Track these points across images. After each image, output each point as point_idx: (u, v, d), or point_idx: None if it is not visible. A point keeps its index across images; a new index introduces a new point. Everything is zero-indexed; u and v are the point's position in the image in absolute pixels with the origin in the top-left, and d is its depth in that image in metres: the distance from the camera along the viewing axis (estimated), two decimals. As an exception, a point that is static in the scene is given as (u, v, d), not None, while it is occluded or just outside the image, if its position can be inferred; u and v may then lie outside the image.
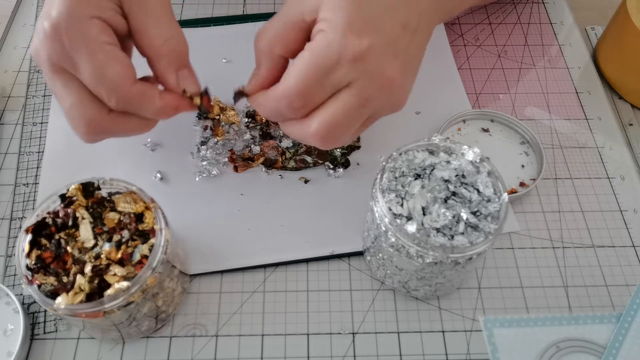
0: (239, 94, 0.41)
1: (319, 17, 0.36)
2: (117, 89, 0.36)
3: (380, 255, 0.41)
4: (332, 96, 0.37)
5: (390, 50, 0.37)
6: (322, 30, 0.36)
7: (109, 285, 0.36)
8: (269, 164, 0.51)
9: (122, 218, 0.38)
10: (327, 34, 0.35)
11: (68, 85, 0.37)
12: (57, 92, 0.38)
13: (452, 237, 0.37)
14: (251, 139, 0.52)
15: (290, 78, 0.36)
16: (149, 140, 0.52)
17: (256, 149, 0.51)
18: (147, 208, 0.39)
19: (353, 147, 0.52)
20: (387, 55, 0.36)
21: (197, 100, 0.41)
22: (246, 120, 0.53)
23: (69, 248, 0.37)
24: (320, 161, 0.51)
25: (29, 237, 0.37)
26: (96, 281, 0.36)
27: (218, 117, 0.52)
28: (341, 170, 0.50)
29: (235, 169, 0.50)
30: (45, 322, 0.43)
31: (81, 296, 0.36)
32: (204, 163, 0.50)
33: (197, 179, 0.50)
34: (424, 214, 0.38)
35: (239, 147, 0.51)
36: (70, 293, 0.36)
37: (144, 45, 0.38)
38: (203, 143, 0.51)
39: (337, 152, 0.51)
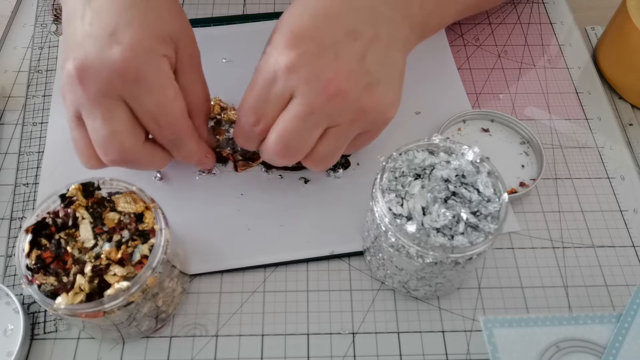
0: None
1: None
2: (176, 123, 0.40)
3: (380, 255, 0.41)
4: (283, 110, 0.39)
5: (327, 55, 0.38)
6: (265, 53, 0.40)
7: (109, 285, 0.36)
8: (269, 164, 0.51)
9: (122, 218, 0.38)
10: (266, 53, 0.40)
11: (115, 111, 0.38)
12: (99, 115, 0.38)
13: (452, 237, 0.37)
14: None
15: (243, 98, 0.41)
16: (149, 140, 0.52)
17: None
18: (147, 208, 0.39)
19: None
20: (323, 60, 0.38)
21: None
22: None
23: (69, 248, 0.37)
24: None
25: (29, 237, 0.37)
26: (96, 281, 0.36)
27: (219, 116, 0.52)
28: (341, 170, 0.50)
29: (235, 168, 0.50)
30: (45, 322, 0.43)
31: (81, 296, 0.36)
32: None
33: (197, 178, 0.50)
34: (424, 214, 0.38)
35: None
36: (70, 293, 0.36)
37: (188, 99, 0.42)
38: None
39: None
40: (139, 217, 0.39)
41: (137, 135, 0.40)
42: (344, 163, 0.51)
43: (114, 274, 0.36)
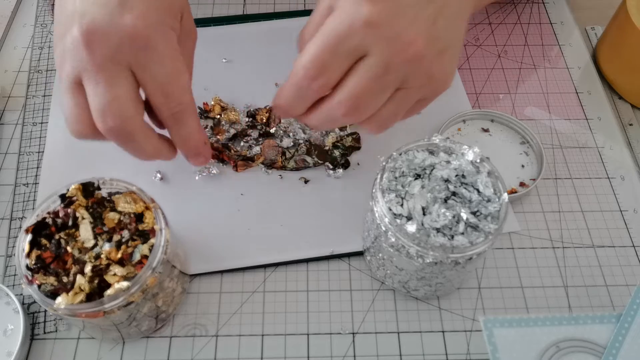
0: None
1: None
2: (181, 97, 0.38)
3: (380, 255, 0.41)
4: (353, 67, 0.37)
5: (408, 14, 0.36)
6: (338, 5, 0.37)
7: (109, 285, 0.36)
8: (269, 164, 0.51)
9: (122, 218, 0.38)
10: (342, 4, 0.36)
11: (120, 78, 0.37)
12: (103, 80, 0.37)
13: (452, 237, 0.37)
14: (252, 138, 0.52)
15: (304, 50, 0.37)
16: (149, 140, 0.52)
17: (256, 149, 0.51)
18: (147, 208, 0.39)
19: (353, 148, 0.52)
20: (403, 20, 0.36)
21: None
22: (247, 119, 0.53)
23: (69, 248, 0.37)
24: (320, 161, 0.51)
25: (29, 237, 0.37)
26: (96, 281, 0.36)
27: (219, 116, 0.53)
28: (341, 170, 0.50)
29: (235, 168, 0.50)
30: (45, 322, 0.43)
31: (81, 296, 0.36)
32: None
33: (197, 177, 0.50)
34: (424, 214, 0.38)
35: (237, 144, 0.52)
36: (70, 293, 0.36)
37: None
38: None
39: (337, 153, 0.51)
40: (139, 217, 0.39)
41: (138, 107, 0.38)
42: (344, 163, 0.51)
43: (114, 274, 0.36)
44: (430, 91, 0.40)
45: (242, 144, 0.52)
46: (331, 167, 0.50)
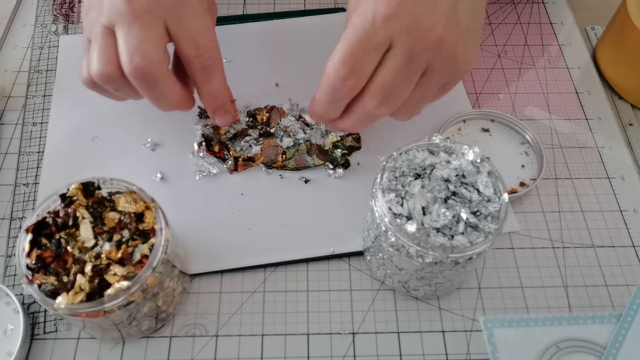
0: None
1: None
2: (212, 49, 0.41)
3: (380, 255, 0.41)
4: (381, 62, 0.38)
5: (427, 2, 0.38)
6: (359, 7, 0.39)
7: (109, 285, 0.36)
8: (269, 164, 0.51)
9: (122, 218, 0.38)
10: (363, 6, 0.38)
11: (152, 25, 0.39)
12: (137, 25, 0.39)
13: (452, 237, 0.37)
14: (252, 138, 0.52)
15: (334, 51, 0.39)
16: (149, 140, 0.52)
17: (256, 148, 0.51)
18: (147, 208, 0.39)
19: (353, 148, 0.52)
20: (422, 8, 0.38)
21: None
22: (247, 119, 0.53)
23: (69, 248, 0.37)
24: (320, 161, 0.51)
25: (29, 236, 0.37)
26: (96, 281, 0.36)
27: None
28: (341, 170, 0.50)
29: (236, 168, 0.50)
30: (45, 322, 0.43)
31: (81, 296, 0.36)
32: (203, 162, 0.50)
33: (197, 177, 0.50)
34: (424, 214, 0.38)
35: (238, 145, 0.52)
36: (71, 293, 0.36)
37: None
38: (206, 141, 0.51)
39: (338, 153, 0.51)
40: (139, 217, 0.39)
41: (165, 55, 0.40)
42: (344, 163, 0.51)
43: (114, 274, 0.36)
44: (454, 74, 0.41)
45: (242, 143, 0.52)
46: (331, 167, 0.50)
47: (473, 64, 0.42)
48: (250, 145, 0.52)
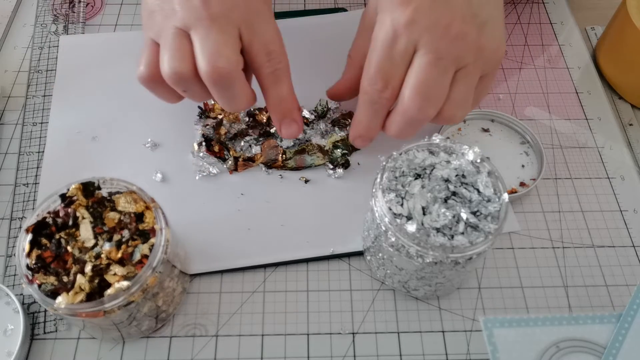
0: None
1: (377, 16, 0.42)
2: (282, 55, 0.43)
3: (380, 255, 0.41)
4: (409, 67, 0.41)
5: (440, 3, 0.40)
6: (378, 21, 0.42)
7: (109, 285, 0.36)
8: (269, 164, 0.51)
9: (122, 218, 0.38)
10: (381, 19, 0.41)
11: (229, 30, 0.40)
12: (215, 29, 0.40)
13: (452, 237, 0.37)
14: (252, 138, 0.52)
15: (365, 67, 0.42)
16: (149, 140, 0.52)
17: (256, 148, 0.51)
18: (147, 208, 0.39)
19: (353, 148, 0.52)
20: (437, 8, 0.40)
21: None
22: (247, 119, 0.53)
23: (69, 248, 0.37)
24: (320, 161, 0.51)
25: (29, 236, 0.37)
26: (96, 281, 0.36)
27: (219, 116, 0.53)
28: (341, 170, 0.50)
29: (236, 168, 0.50)
30: (45, 322, 0.43)
31: (81, 296, 0.36)
32: (203, 162, 0.50)
33: (197, 177, 0.50)
34: (424, 214, 0.38)
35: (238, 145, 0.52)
36: (71, 293, 0.36)
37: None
38: (206, 141, 0.51)
39: (338, 153, 0.51)
40: (139, 217, 0.39)
41: (241, 58, 0.41)
42: (344, 163, 0.51)
43: (114, 274, 0.36)
44: (487, 64, 0.43)
45: (242, 143, 0.52)
46: (331, 167, 0.50)
47: (504, 51, 0.43)
48: (250, 145, 0.52)
